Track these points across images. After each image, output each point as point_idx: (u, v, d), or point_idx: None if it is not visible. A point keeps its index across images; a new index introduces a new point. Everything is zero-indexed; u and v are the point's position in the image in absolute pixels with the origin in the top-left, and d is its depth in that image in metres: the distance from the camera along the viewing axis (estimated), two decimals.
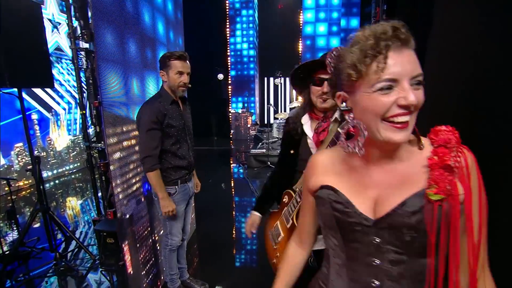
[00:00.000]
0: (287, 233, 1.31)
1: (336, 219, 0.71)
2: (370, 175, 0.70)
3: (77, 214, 4.39)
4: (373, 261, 0.67)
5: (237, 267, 2.82)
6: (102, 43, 1.66)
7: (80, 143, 6.25)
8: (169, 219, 2.01)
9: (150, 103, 1.85)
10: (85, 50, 3.01)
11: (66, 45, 5.60)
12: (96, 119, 3.11)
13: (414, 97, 0.57)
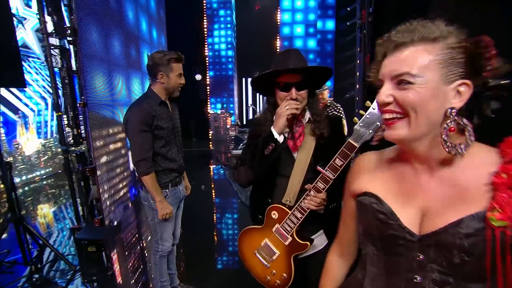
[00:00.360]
0: (286, 250, 1.23)
1: (378, 229, 0.67)
2: (421, 184, 0.64)
3: (50, 222, 4.12)
4: (414, 277, 0.62)
5: (225, 270, 2.77)
6: (85, 40, 1.56)
7: (52, 147, 5.88)
8: (160, 224, 1.94)
9: (137, 105, 1.77)
10: (59, 48, 2.83)
11: (33, 42, 5.24)
12: (73, 121, 2.93)
13: (380, 96, 0.60)
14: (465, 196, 0.58)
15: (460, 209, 0.57)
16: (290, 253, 1.21)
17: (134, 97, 2.18)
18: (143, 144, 1.72)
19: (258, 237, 1.29)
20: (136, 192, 2.16)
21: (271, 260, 1.26)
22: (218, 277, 2.65)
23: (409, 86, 0.57)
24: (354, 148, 1.00)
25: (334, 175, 1.05)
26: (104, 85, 1.74)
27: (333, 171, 1.05)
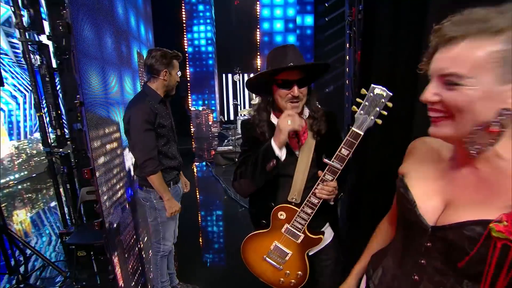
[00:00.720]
0: (299, 248, 1.21)
1: (402, 212, 0.72)
2: (455, 179, 0.64)
3: (28, 229, 3.90)
4: (420, 259, 0.66)
5: (222, 267, 2.78)
6: (79, 36, 1.49)
7: (26, 149, 5.55)
8: (162, 224, 1.92)
9: (139, 103, 1.74)
10: (37, 44, 2.67)
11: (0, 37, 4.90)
12: (56, 121, 2.79)
13: (426, 94, 0.58)
14: (490, 201, 0.56)
15: (478, 212, 0.56)
16: (303, 250, 1.21)
17: (127, 95, 2.11)
18: (149, 143, 1.69)
19: (266, 241, 1.24)
20: (132, 193, 2.11)
21: (283, 262, 1.23)
22: (214, 273, 2.65)
23: (457, 87, 0.53)
24: (359, 136, 1.00)
25: (341, 165, 1.05)
26: (99, 84, 1.67)
27: (340, 161, 1.05)
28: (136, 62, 2.35)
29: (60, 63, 2.80)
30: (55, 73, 2.81)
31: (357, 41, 2.40)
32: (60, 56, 2.79)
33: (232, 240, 3.26)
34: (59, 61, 2.80)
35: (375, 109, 0.96)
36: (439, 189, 0.67)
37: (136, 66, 2.35)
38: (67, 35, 2.62)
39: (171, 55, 1.81)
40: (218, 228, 3.70)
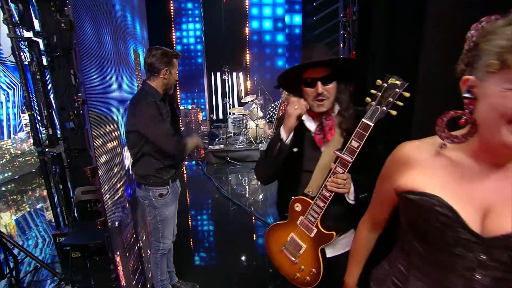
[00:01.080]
0: (312, 243, 1.21)
1: (437, 229, 0.64)
2: (482, 181, 0.61)
3: (12, 232, 3.78)
4: (473, 275, 0.61)
5: (219, 265, 2.80)
6: (82, 33, 1.47)
7: (10, 149, 5.36)
8: (161, 222, 1.92)
9: (143, 100, 1.75)
10: (27, 40, 2.60)
11: None
12: (47, 120, 2.72)
13: None
14: None
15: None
16: (316, 245, 1.20)
17: (125, 94, 2.09)
18: (169, 131, 1.77)
19: (284, 232, 1.27)
20: (131, 192, 2.10)
21: (298, 255, 1.24)
22: (208, 271, 2.67)
23: None
24: (369, 127, 0.99)
25: (352, 158, 1.04)
26: (99, 82, 1.65)
27: (350, 154, 1.04)
28: (133, 60, 2.33)
29: (51, 61, 2.73)
30: (46, 71, 2.75)
31: (351, 41, 2.47)
32: (51, 53, 2.72)
33: (225, 237, 3.27)
34: (50, 59, 2.73)
35: (388, 99, 0.95)
36: (468, 198, 0.62)
37: (133, 64, 2.33)
38: (63, 32, 2.58)
39: (172, 54, 1.82)
40: (212, 226, 3.71)
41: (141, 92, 1.81)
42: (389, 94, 0.95)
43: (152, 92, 1.79)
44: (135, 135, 1.77)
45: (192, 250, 3.08)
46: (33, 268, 2.65)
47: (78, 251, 2.80)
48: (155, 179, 1.84)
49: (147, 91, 1.79)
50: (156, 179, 1.84)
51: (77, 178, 2.97)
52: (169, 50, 1.82)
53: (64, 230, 2.82)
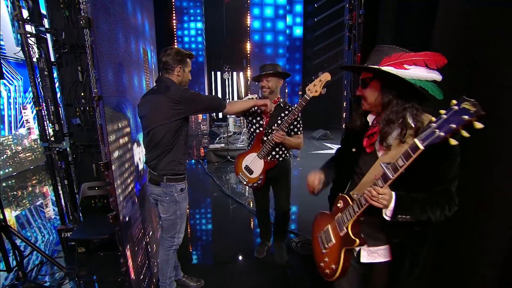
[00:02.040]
0: (340, 241, 1.25)
1: None
2: None
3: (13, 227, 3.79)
4: None
5: (221, 261, 2.83)
6: (99, 31, 1.51)
7: (11, 145, 5.35)
8: (181, 216, 1.98)
9: (166, 90, 1.79)
10: (36, 37, 2.62)
11: None
12: (54, 116, 2.74)
13: None
14: None
15: None
16: (342, 245, 1.24)
17: (135, 90, 2.12)
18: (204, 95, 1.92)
19: (325, 221, 1.37)
20: (139, 188, 2.13)
21: (326, 246, 1.32)
22: (217, 268, 2.71)
23: None
24: (417, 150, 0.91)
25: (393, 175, 0.99)
26: (113, 78, 1.69)
27: (393, 170, 0.99)
28: (142, 58, 2.36)
29: (58, 57, 2.76)
30: (53, 67, 2.77)
31: (356, 43, 2.52)
32: (59, 50, 2.74)
33: (227, 235, 3.31)
34: (58, 55, 2.76)
35: (450, 125, 0.83)
36: None
37: (142, 62, 2.36)
38: (71, 29, 2.60)
39: (185, 53, 1.89)
40: (214, 223, 3.74)
41: (160, 84, 1.84)
42: (455, 120, 0.82)
43: (173, 84, 1.84)
44: (169, 126, 1.78)
45: (194, 247, 3.11)
46: (39, 262, 2.67)
47: (82, 246, 2.84)
48: (178, 171, 1.89)
49: (166, 83, 1.82)
50: (179, 169, 1.90)
51: (82, 174, 2.99)
52: (182, 50, 1.88)
53: (68, 226, 2.85)
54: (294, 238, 3.08)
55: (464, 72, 1.35)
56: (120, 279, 2.42)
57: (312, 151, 7.27)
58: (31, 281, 2.38)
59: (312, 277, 2.50)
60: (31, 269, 2.60)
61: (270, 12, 9.36)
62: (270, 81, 2.28)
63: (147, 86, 2.49)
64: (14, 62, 5.58)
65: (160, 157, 1.83)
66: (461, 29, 1.33)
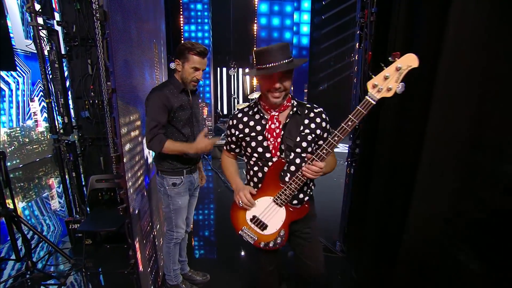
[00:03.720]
0: None
1: None
2: None
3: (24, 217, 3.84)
4: None
5: (226, 257, 2.85)
6: (114, 24, 1.51)
7: (19, 137, 5.40)
8: (174, 211, 1.97)
9: (158, 89, 1.79)
10: (48, 29, 2.63)
11: None
12: (64, 109, 2.76)
13: None
14: None
15: None
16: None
17: (147, 84, 2.13)
18: (153, 124, 1.75)
19: None
20: (149, 181, 2.14)
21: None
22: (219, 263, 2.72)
23: None
24: None
25: None
26: (125, 72, 1.69)
27: None
28: (153, 52, 2.36)
29: (69, 50, 2.77)
30: (63, 60, 2.78)
31: (367, 42, 2.50)
32: (70, 42, 2.75)
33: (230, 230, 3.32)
34: (68, 48, 2.77)
35: None
36: None
37: (153, 55, 2.37)
38: (90, 22, 2.60)
39: (186, 47, 1.78)
40: (219, 219, 3.75)
41: (165, 82, 1.86)
42: None
43: (173, 83, 1.83)
44: None
45: (198, 242, 3.13)
46: (46, 253, 2.70)
47: (89, 238, 2.87)
48: (169, 165, 1.89)
49: (169, 81, 1.84)
50: (170, 165, 1.89)
51: (89, 166, 3.02)
52: (189, 44, 1.79)
53: (76, 218, 2.87)
54: None
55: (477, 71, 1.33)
56: (127, 271, 2.46)
57: None
58: (40, 270, 2.41)
59: None
60: (39, 259, 2.63)
61: (277, 9, 9.31)
62: (286, 79, 1.35)
63: (157, 80, 2.50)
64: (23, 55, 5.61)
65: None
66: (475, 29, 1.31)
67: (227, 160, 1.68)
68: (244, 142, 1.49)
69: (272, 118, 1.42)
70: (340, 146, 7.53)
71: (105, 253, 2.85)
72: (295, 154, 1.42)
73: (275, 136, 1.41)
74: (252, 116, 1.48)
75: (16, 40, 5.38)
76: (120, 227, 2.36)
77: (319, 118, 1.44)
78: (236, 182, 1.57)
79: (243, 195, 1.46)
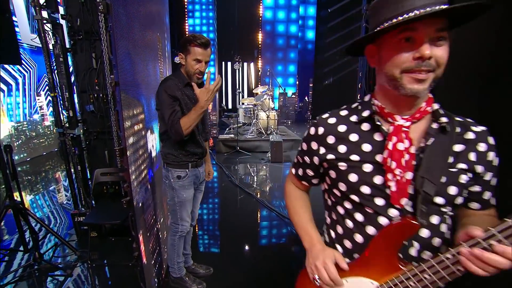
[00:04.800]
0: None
1: None
2: None
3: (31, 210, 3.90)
4: None
5: (230, 250, 2.86)
6: (117, 17, 1.50)
7: (26, 131, 5.47)
8: (179, 204, 1.98)
9: (164, 82, 1.81)
10: (52, 23, 2.64)
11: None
12: (69, 102, 2.77)
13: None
14: None
15: None
16: None
17: (150, 77, 2.13)
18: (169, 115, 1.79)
19: None
20: (152, 175, 2.15)
21: None
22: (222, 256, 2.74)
23: None
24: None
25: None
26: (128, 65, 1.69)
27: None
28: (157, 46, 2.36)
29: (73, 44, 2.78)
30: (68, 54, 2.79)
31: None
32: (74, 36, 2.76)
33: (234, 224, 3.34)
34: (73, 42, 2.77)
35: None
36: None
37: (157, 49, 2.36)
38: (86, 15, 2.60)
39: (187, 40, 1.78)
40: (223, 213, 3.77)
41: (170, 75, 1.87)
42: None
43: (178, 77, 1.83)
44: (159, 114, 1.86)
45: (202, 236, 3.15)
46: (53, 245, 2.75)
47: (95, 231, 2.90)
48: (174, 158, 1.90)
49: (174, 74, 1.86)
50: (176, 158, 1.90)
51: (94, 160, 3.05)
52: (191, 36, 1.78)
53: (81, 210, 2.91)
54: None
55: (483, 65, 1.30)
56: (131, 264, 2.49)
57: None
58: (47, 261, 2.46)
59: None
60: (46, 251, 2.68)
61: (283, 2, 9.21)
62: (441, 46, 0.68)
63: (161, 74, 2.49)
64: (29, 49, 5.65)
65: (161, 140, 1.95)
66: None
67: (295, 193, 1.03)
68: (335, 171, 0.84)
69: (399, 132, 0.75)
70: None
71: (110, 245, 2.88)
72: (434, 209, 0.76)
73: (403, 166, 0.73)
74: (356, 126, 0.82)
75: (22, 34, 5.42)
76: (124, 220, 2.39)
77: (484, 144, 0.76)
78: (312, 238, 0.91)
79: (325, 269, 0.80)
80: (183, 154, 1.93)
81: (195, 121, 1.77)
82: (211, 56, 1.85)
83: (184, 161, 1.94)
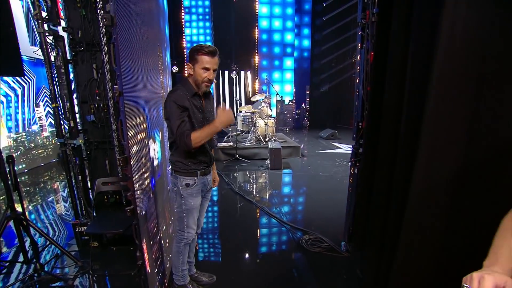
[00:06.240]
0: None
1: None
2: None
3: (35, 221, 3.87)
4: None
5: (231, 258, 2.86)
6: (121, 29, 1.54)
7: (25, 142, 5.46)
8: (186, 211, 2.00)
9: (172, 92, 1.85)
10: (53, 35, 2.68)
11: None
12: (69, 113, 2.79)
13: None
14: None
15: None
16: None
17: (151, 87, 2.16)
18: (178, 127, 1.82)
19: None
20: (155, 183, 2.17)
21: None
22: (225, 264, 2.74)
23: None
24: None
25: None
26: (131, 75, 1.72)
27: None
28: (158, 56, 2.40)
29: (74, 55, 2.82)
30: (69, 65, 2.83)
31: (369, 42, 2.52)
32: (75, 48, 2.80)
33: (234, 232, 3.34)
34: (74, 53, 2.81)
35: None
36: None
37: (158, 59, 2.40)
38: (95, 28, 2.64)
39: (194, 49, 1.83)
40: (223, 221, 3.77)
41: (177, 85, 1.90)
42: None
43: (186, 87, 1.87)
44: (167, 125, 1.90)
45: (203, 244, 3.14)
46: (54, 255, 2.73)
47: (96, 241, 2.89)
48: (183, 166, 1.93)
49: (182, 84, 1.88)
50: (185, 166, 1.93)
51: (95, 170, 3.06)
52: (199, 46, 1.82)
53: (82, 221, 2.90)
54: (304, 236, 3.09)
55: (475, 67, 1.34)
56: (133, 273, 2.48)
57: (320, 150, 7.26)
58: (48, 272, 2.44)
59: (320, 275, 2.51)
60: (46, 262, 2.66)
61: (278, 11, 9.37)
62: None
63: (162, 84, 2.53)
64: (28, 61, 5.68)
65: (170, 150, 1.98)
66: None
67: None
68: None
69: None
70: (343, 147, 7.55)
71: (112, 255, 2.87)
72: None
73: None
74: None
75: (22, 46, 5.44)
76: (126, 229, 2.39)
77: None
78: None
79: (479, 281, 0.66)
80: (192, 162, 1.96)
81: (206, 138, 1.85)
82: (218, 64, 1.88)
83: (193, 169, 1.97)
